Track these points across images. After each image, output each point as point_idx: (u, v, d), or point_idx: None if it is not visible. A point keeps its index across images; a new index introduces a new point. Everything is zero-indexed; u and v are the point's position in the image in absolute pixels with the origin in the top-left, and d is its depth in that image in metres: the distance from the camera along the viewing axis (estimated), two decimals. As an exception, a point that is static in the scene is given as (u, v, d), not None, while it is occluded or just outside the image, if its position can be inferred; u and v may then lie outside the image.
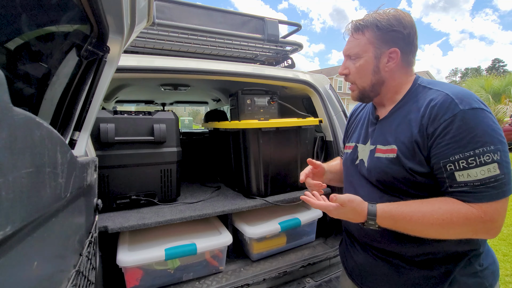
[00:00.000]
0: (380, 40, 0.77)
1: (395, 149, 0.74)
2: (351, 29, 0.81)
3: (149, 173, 1.46)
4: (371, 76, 0.80)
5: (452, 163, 0.64)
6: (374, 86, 0.81)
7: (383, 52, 0.77)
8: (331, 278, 1.45)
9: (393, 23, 0.75)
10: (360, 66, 0.80)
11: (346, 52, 0.84)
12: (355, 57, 0.81)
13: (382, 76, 0.80)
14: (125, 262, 1.15)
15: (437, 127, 0.66)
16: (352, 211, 0.72)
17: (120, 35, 0.76)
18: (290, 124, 1.61)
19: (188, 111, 10.17)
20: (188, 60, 1.44)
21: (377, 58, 0.78)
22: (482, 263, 0.75)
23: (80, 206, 0.67)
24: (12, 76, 0.58)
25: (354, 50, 0.80)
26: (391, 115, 0.81)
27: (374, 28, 0.76)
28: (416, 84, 0.80)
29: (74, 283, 0.57)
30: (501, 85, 11.09)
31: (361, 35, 0.78)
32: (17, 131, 0.30)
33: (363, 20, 0.78)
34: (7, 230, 0.29)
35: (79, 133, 0.78)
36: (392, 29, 0.75)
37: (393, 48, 0.77)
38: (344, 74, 0.85)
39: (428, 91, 0.75)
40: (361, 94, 0.84)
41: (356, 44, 0.79)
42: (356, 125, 0.99)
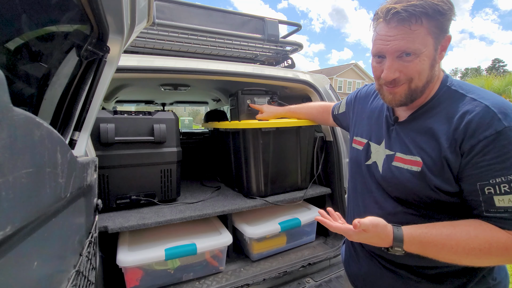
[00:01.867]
0: (439, 28, 0.62)
1: (420, 162, 0.66)
2: (404, 18, 0.61)
3: (149, 173, 1.46)
4: (428, 71, 0.65)
5: (492, 186, 0.57)
6: (428, 84, 0.67)
7: (440, 41, 0.64)
8: (331, 278, 1.45)
9: (451, 6, 0.62)
10: (420, 62, 0.63)
11: (398, 49, 0.63)
12: (414, 53, 0.63)
13: (435, 70, 0.67)
14: (125, 262, 1.15)
15: (475, 144, 0.58)
16: (376, 236, 0.65)
17: (120, 35, 0.76)
18: (290, 124, 1.60)
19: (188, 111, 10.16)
20: (188, 60, 1.44)
21: (436, 49, 0.64)
22: (495, 277, 0.71)
23: (80, 206, 0.67)
24: (12, 76, 0.58)
25: (413, 45, 0.62)
26: (413, 120, 0.71)
27: (436, 15, 0.61)
28: (446, 85, 0.69)
29: (74, 283, 0.57)
30: (501, 85, 11.10)
31: (419, 25, 0.61)
32: (17, 131, 0.30)
33: (415, 4, 0.60)
34: (7, 230, 0.29)
35: (79, 133, 0.78)
36: (451, 14, 0.62)
37: (448, 34, 0.64)
38: (394, 78, 0.67)
39: (461, 99, 0.65)
40: (410, 95, 0.68)
41: (415, 38, 0.61)
42: (369, 116, 0.87)
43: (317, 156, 1.78)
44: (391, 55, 0.65)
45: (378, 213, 0.75)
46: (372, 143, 0.82)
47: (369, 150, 0.83)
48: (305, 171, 1.73)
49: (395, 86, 0.68)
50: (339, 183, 1.69)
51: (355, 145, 0.91)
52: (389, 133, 0.77)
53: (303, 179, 1.73)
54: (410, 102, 0.70)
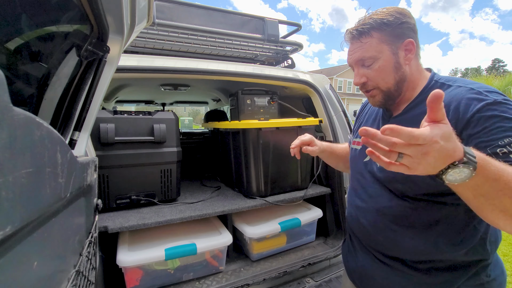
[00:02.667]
0: (392, 36, 0.72)
1: None
2: (355, 35, 0.75)
3: (149, 173, 1.46)
4: (393, 74, 0.74)
5: (503, 147, 0.56)
6: (398, 84, 0.75)
7: (398, 46, 0.73)
8: (331, 278, 1.45)
9: (399, 16, 0.72)
10: (380, 67, 0.73)
11: (356, 59, 0.76)
12: (371, 60, 0.74)
13: (404, 71, 0.75)
14: (125, 262, 1.15)
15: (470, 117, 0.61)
16: (450, 137, 0.48)
17: (120, 35, 0.76)
18: (290, 124, 1.61)
19: (188, 111, 10.16)
20: (188, 60, 1.44)
21: (395, 54, 0.73)
22: (489, 274, 0.72)
23: (80, 206, 0.67)
24: (12, 76, 0.58)
25: (367, 54, 0.74)
26: (406, 113, 0.77)
27: (381, 27, 0.71)
28: (433, 80, 0.76)
29: (74, 283, 0.57)
30: (501, 85, 11.11)
31: (369, 37, 0.73)
32: (17, 131, 0.30)
33: (365, 23, 0.73)
34: (7, 230, 0.29)
35: (79, 133, 0.78)
36: (401, 21, 0.72)
37: (408, 39, 0.72)
38: (361, 83, 0.78)
39: (449, 88, 0.71)
40: (386, 96, 0.77)
41: (367, 48, 0.73)
42: (366, 121, 0.94)
43: (317, 156, 1.78)
44: (355, 65, 0.78)
45: (374, 207, 0.79)
46: None
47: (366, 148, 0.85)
48: (305, 171, 1.73)
49: (368, 91, 0.79)
50: (339, 183, 1.69)
51: (353, 146, 0.95)
52: None
53: (303, 179, 1.73)
54: (391, 101, 0.78)
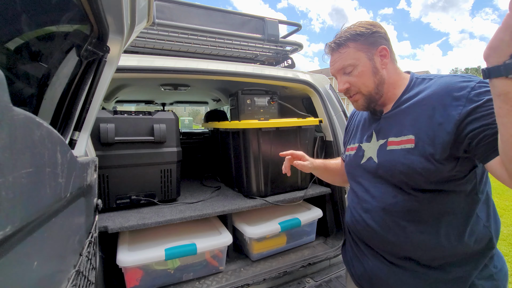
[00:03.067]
0: (366, 44, 0.80)
1: (412, 139, 0.72)
2: (333, 48, 0.84)
3: (149, 173, 1.46)
4: (372, 77, 0.81)
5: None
6: (378, 86, 0.82)
7: (373, 53, 0.80)
8: (331, 278, 1.45)
9: (370, 27, 0.80)
10: (359, 73, 0.81)
11: (338, 68, 0.84)
12: (351, 67, 0.82)
13: (382, 74, 0.81)
14: (125, 262, 1.15)
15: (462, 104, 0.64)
16: None
17: (120, 35, 0.76)
18: (290, 124, 1.61)
19: (188, 111, 10.16)
20: (188, 60, 1.44)
21: (371, 59, 0.80)
22: (496, 265, 0.74)
23: (80, 206, 0.67)
24: (12, 76, 0.58)
25: (346, 62, 0.81)
26: (397, 107, 0.81)
27: (356, 37, 0.80)
28: (413, 78, 0.83)
29: (74, 283, 0.57)
30: (501, 85, 11.07)
31: (346, 48, 0.81)
32: (17, 131, 0.30)
33: (341, 37, 0.82)
34: (7, 230, 0.29)
35: (79, 133, 0.78)
36: (372, 31, 0.80)
37: (381, 46, 0.80)
38: (345, 89, 0.85)
39: (431, 81, 0.77)
40: (368, 99, 0.84)
41: (345, 57, 0.81)
42: (356, 128, 0.98)
43: (317, 155, 1.78)
44: (338, 74, 0.86)
45: (380, 206, 0.79)
46: (364, 143, 0.89)
47: (361, 150, 0.89)
48: (305, 171, 1.73)
49: (351, 96, 0.86)
50: (339, 183, 1.69)
51: (347, 153, 0.98)
52: (377, 127, 0.85)
53: (303, 179, 1.73)
54: (373, 103, 0.84)
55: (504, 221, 3.66)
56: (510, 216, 3.86)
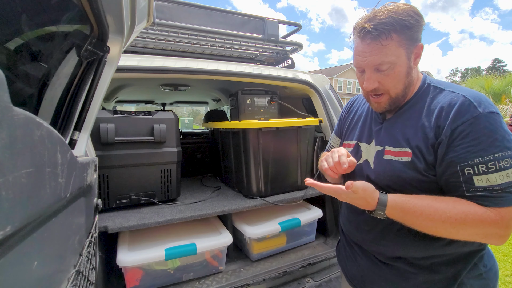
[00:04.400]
0: (410, 39, 0.69)
1: (409, 153, 0.71)
2: (374, 36, 0.68)
3: (149, 173, 1.46)
4: (404, 79, 0.72)
5: (471, 167, 0.62)
6: (406, 89, 0.74)
7: (412, 50, 0.71)
8: (331, 278, 1.45)
9: (418, 19, 0.69)
10: (395, 72, 0.71)
11: (373, 63, 0.71)
12: (388, 65, 0.70)
13: (413, 75, 0.74)
14: (125, 262, 1.15)
15: (454, 128, 0.64)
16: (363, 199, 0.69)
17: (120, 35, 0.76)
18: (290, 124, 1.61)
19: (188, 111, 10.16)
20: (188, 60, 1.44)
21: (409, 58, 0.71)
22: (486, 264, 0.74)
23: (80, 206, 0.67)
24: (12, 76, 0.58)
25: (386, 58, 0.69)
26: (399, 116, 0.77)
27: (403, 30, 0.67)
28: (426, 83, 0.76)
29: (74, 283, 0.57)
30: (501, 85, 11.11)
31: (389, 40, 0.68)
32: (17, 131, 0.30)
33: (384, 22, 0.67)
34: (7, 230, 0.29)
35: (79, 133, 0.78)
36: (420, 24, 0.69)
37: (420, 43, 0.72)
38: (373, 88, 0.74)
39: (441, 92, 0.72)
40: (393, 102, 0.75)
41: (387, 52, 0.68)
42: (356, 121, 0.93)
43: (317, 156, 1.78)
44: (369, 69, 0.73)
45: None
46: (362, 143, 0.87)
47: (359, 150, 0.87)
48: (305, 171, 1.73)
49: (375, 96, 0.76)
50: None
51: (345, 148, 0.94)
52: (378, 132, 0.82)
53: (303, 179, 1.73)
54: (395, 107, 0.78)
55: (504, 221, 3.65)
56: (510, 216, 3.86)
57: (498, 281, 0.78)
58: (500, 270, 2.46)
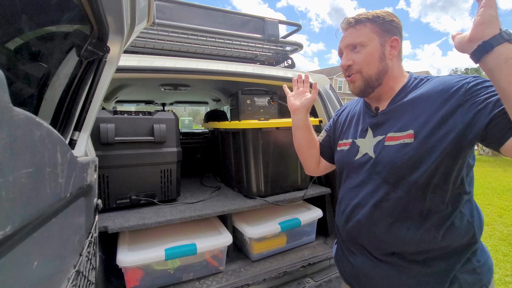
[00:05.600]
0: (382, 30, 0.80)
1: (411, 134, 0.74)
2: (351, 23, 0.83)
3: (149, 173, 1.46)
4: (377, 63, 0.81)
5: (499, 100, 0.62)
6: (380, 74, 0.82)
7: (386, 40, 0.81)
8: (331, 278, 1.45)
9: (390, 15, 0.82)
10: (367, 53, 0.81)
11: (348, 43, 0.83)
12: (360, 45, 0.81)
13: (387, 63, 0.82)
14: (125, 262, 1.15)
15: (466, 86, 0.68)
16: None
17: (120, 35, 0.76)
18: (290, 124, 1.59)
19: (188, 111, 10.17)
20: (188, 60, 1.44)
21: (382, 45, 0.81)
22: (479, 259, 0.76)
23: (80, 206, 0.67)
24: (12, 76, 0.58)
25: (358, 39, 0.81)
26: (394, 104, 0.82)
27: (375, 19, 0.80)
28: (412, 77, 0.84)
29: (74, 283, 0.57)
30: (501, 85, 11.08)
31: (363, 26, 0.81)
32: (17, 131, 0.30)
33: (360, 15, 0.82)
34: (7, 230, 0.29)
35: (79, 133, 0.78)
36: (391, 19, 0.81)
37: (394, 36, 0.81)
38: (348, 65, 0.84)
39: (431, 80, 0.79)
40: (366, 83, 0.83)
41: (360, 34, 0.81)
42: (349, 122, 0.97)
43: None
44: (346, 49, 0.85)
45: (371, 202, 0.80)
46: (358, 139, 0.89)
47: (356, 146, 0.89)
48: (305, 171, 1.73)
49: (350, 75, 0.85)
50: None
51: (339, 148, 0.97)
52: (373, 123, 0.85)
53: (303, 179, 1.73)
54: (370, 89, 0.84)
55: (504, 221, 3.66)
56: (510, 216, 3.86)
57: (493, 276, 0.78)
58: (500, 270, 2.46)
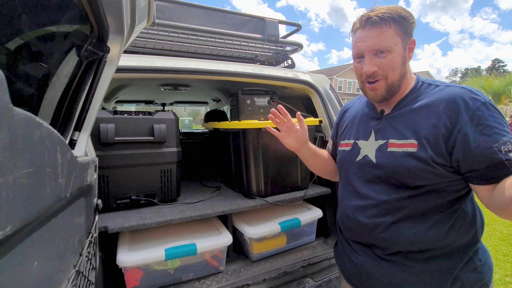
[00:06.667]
0: (405, 32, 0.76)
1: (414, 143, 0.73)
2: (376, 22, 0.74)
3: (149, 173, 1.46)
4: (400, 68, 0.77)
5: (504, 145, 0.63)
6: (401, 79, 0.78)
7: (407, 42, 0.77)
8: (331, 278, 1.45)
9: (411, 16, 0.76)
10: (393, 58, 0.76)
11: (373, 47, 0.76)
12: (387, 50, 0.75)
13: (407, 67, 0.79)
14: (125, 262, 1.15)
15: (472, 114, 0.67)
16: None
17: (120, 35, 0.76)
18: (290, 124, 1.60)
19: (188, 111, 10.17)
20: (188, 60, 1.44)
21: (404, 49, 0.77)
22: (480, 258, 0.76)
23: (80, 206, 0.67)
24: (12, 76, 0.58)
25: (385, 43, 0.74)
26: (399, 109, 0.80)
27: (400, 20, 0.74)
28: (420, 81, 0.81)
29: (74, 283, 0.57)
30: (501, 85, 11.12)
31: (389, 27, 0.74)
32: (17, 131, 0.30)
33: (383, 13, 0.74)
34: (7, 230, 0.29)
35: (79, 133, 0.78)
36: (413, 20, 0.76)
37: (413, 38, 0.78)
38: (372, 72, 0.77)
39: (438, 87, 0.77)
40: (388, 89, 0.79)
41: (386, 37, 0.74)
42: (351, 123, 0.96)
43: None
44: (368, 53, 0.77)
45: (373, 203, 0.80)
46: (359, 141, 0.88)
47: (357, 147, 0.88)
48: (305, 171, 1.73)
49: (373, 82, 0.79)
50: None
51: (341, 148, 0.97)
52: (377, 127, 0.84)
53: (303, 179, 1.73)
54: (390, 96, 0.80)
55: (504, 221, 3.66)
56: (510, 216, 3.86)
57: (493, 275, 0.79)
58: (500, 270, 2.46)
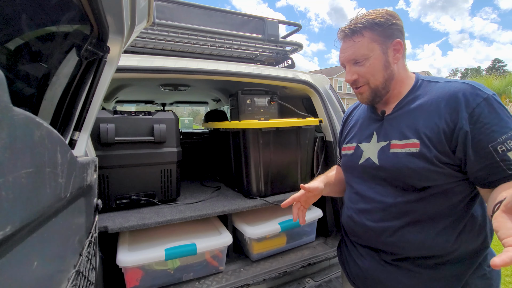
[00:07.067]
0: (383, 36, 0.76)
1: (417, 143, 0.72)
2: (348, 34, 0.78)
3: (149, 173, 1.46)
4: (383, 72, 0.78)
5: (502, 144, 0.62)
6: (386, 82, 0.79)
7: (388, 46, 0.77)
8: (331, 278, 1.45)
9: (389, 18, 0.77)
10: (371, 65, 0.77)
11: (349, 58, 0.80)
12: (362, 58, 0.78)
13: (393, 69, 0.79)
14: (125, 262, 1.15)
15: (472, 111, 0.65)
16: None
17: (120, 35, 0.76)
18: (290, 124, 1.60)
19: (188, 111, 10.17)
20: (188, 60, 1.44)
21: (384, 53, 0.77)
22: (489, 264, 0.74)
23: (80, 206, 0.67)
24: (12, 76, 0.58)
25: (359, 52, 0.77)
26: (400, 109, 0.79)
27: (373, 26, 0.75)
28: (419, 79, 0.81)
29: (74, 283, 0.57)
30: (501, 85, 11.12)
31: (361, 36, 0.77)
32: (17, 131, 0.30)
33: (357, 23, 0.77)
34: (7, 230, 0.29)
35: (79, 133, 0.78)
36: (391, 22, 0.76)
37: (396, 39, 0.77)
38: (352, 80, 0.81)
39: (438, 84, 0.76)
40: (373, 93, 0.81)
41: (359, 47, 0.77)
42: (353, 126, 0.96)
43: (317, 156, 1.78)
44: (348, 63, 0.82)
45: (379, 207, 0.78)
46: (362, 143, 0.88)
47: (359, 150, 0.88)
48: (305, 171, 1.73)
49: (357, 88, 0.83)
50: (339, 183, 1.69)
51: (344, 152, 0.96)
52: (379, 128, 0.83)
53: (303, 179, 1.73)
54: (378, 98, 0.82)
55: (504, 221, 3.66)
56: (510, 216, 3.86)
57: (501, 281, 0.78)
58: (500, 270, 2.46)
